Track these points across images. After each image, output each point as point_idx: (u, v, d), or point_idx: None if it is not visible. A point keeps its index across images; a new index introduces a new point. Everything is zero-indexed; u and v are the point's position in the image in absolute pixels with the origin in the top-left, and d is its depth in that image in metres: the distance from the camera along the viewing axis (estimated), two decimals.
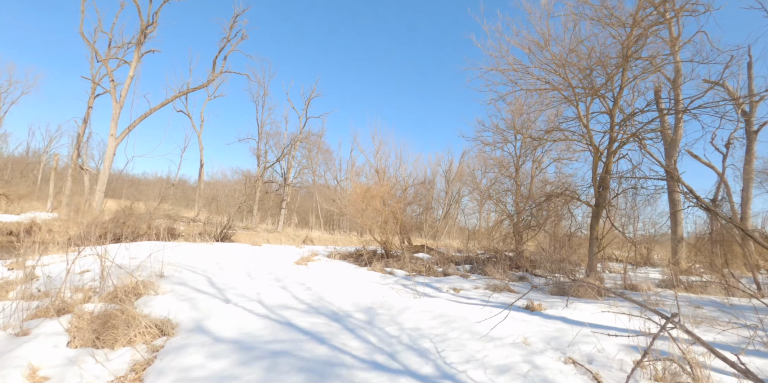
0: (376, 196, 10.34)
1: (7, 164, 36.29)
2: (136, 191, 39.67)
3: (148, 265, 6.75)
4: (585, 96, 9.79)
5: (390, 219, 10.97)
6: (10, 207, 18.63)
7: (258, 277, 7.42)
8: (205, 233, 18.62)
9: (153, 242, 11.94)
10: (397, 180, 11.34)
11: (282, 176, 30.15)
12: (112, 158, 20.00)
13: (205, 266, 7.92)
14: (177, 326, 4.09)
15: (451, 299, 6.32)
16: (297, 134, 29.25)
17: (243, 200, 22.67)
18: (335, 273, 8.35)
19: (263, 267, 8.96)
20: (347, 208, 10.86)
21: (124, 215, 18.11)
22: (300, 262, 10.01)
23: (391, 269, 9.16)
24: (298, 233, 25.92)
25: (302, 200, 39.20)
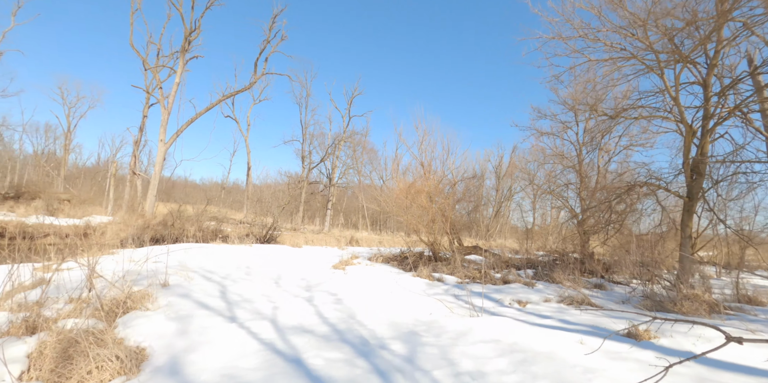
0: (421, 191, 8.96)
1: (80, 174, 38.60)
2: (187, 195, 40.86)
3: (162, 271, 5.83)
4: (672, 63, 7.85)
5: (438, 218, 9.55)
6: (73, 211, 19.13)
7: (285, 285, 6.30)
8: (251, 235, 18.14)
9: (191, 244, 11.30)
10: (444, 174, 9.90)
11: (327, 177, 29.49)
12: (162, 162, 20.07)
13: (229, 271, 6.93)
14: (147, 358, 2.97)
15: (518, 317, 4.81)
16: (341, 133, 28.48)
17: (287, 201, 22.09)
18: (374, 280, 7.06)
19: (296, 272, 7.86)
20: (390, 206, 9.57)
21: (172, 217, 18.01)
22: (338, 266, 8.84)
23: (439, 275, 7.74)
24: (343, 234, 25.03)
25: (348, 200, 38.50)
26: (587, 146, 12.52)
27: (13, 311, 4.21)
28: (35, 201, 18.56)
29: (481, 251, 12.80)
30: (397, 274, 7.89)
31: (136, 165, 24.28)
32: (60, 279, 5.57)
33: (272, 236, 18.44)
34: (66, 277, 5.78)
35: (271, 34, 21.13)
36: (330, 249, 13.38)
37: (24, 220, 14.28)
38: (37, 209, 17.90)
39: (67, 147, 33.01)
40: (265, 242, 17.77)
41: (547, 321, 4.67)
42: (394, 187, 9.61)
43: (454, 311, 4.93)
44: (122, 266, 5.75)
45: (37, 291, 5.10)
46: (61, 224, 15.08)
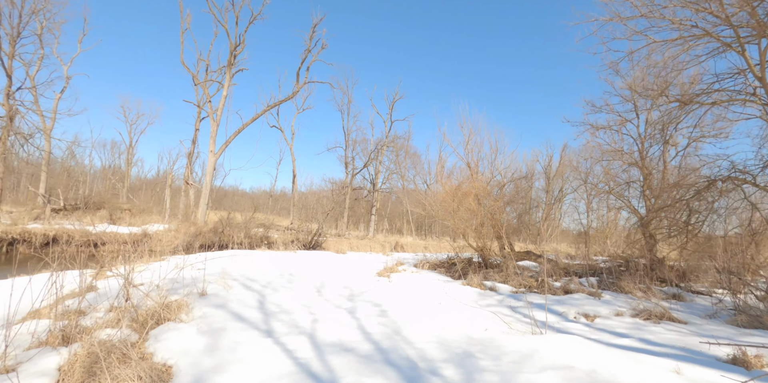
0: (468, 194, 8.38)
1: (142, 185, 41.14)
2: (237, 203, 42.24)
3: (204, 278, 5.68)
4: (756, 38, 6.81)
5: (486, 221, 8.91)
6: (133, 220, 20.15)
7: (327, 294, 5.95)
8: (297, 241, 18.21)
9: (237, 250, 11.35)
10: (492, 175, 9.24)
11: (371, 182, 29.33)
12: (212, 172, 20.73)
13: (271, 278, 6.71)
14: (171, 379, 2.68)
15: (589, 335, 4.14)
16: (383, 138, 28.27)
17: (331, 207, 22.08)
18: (421, 289, 6.56)
19: (339, 280, 7.53)
20: (436, 209, 9.04)
21: (222, 225, 18.48)
22: (382, 273, 8.42)
23: (491, 284, 7.10)
24: (388, 239, 24.66)
25: (393, 205, 38.16)
26: (650, 140, 11.34)
27: (57, 319, 4.15)
28: (100, 211, 19.73)
29: (535, 256, 11.91)
30: (445, 282, 7.34)
31: (190, 176, 25.33)
32: (108, 286, 5.57)
33: (317, 242, 18.41)
34: (115, 284, 5.79)
35: (311, 44, 21.36)
36: (374, 255, 13.03)
37: (89, 228, 15.14)
38: (101, 218, 19.02)
39: (130, 161, 35.21)
40: (310, 248, 17.76)
41: (624, 340, 3.96)
42: (439, 190, 9.08)
43: (512, 326, 4.34)
44: (165, 274, 5.68)
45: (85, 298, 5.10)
46: (121, 232, 15.85)
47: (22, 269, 7.76)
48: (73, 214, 19.51)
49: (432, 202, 9.15)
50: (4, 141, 14.78)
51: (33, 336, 3.68)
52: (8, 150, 14.84)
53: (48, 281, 4.27)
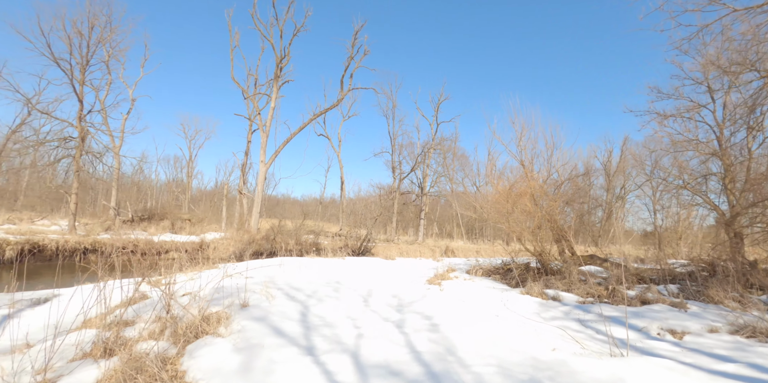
0: (524, 194, 7.72)
1: (202, 196, 43.45)
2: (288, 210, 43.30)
3: (249, 287, 5.54)
4: None
5: (544, 223, 8.18)
6: (193, 229, 21.12)
7: (374, 304, 5.60)
8: (346, 247, 18.14)
9: (286, 258, 11.34)
10: (549, 173, 8.49)
11: (419, 186, 28.89)
12: (263, 182, 21.28)
13: (317, 287, 6.47)
14: None
15: (681, 358, 3.44)
16: (429, 141, 27.77)
17: (379, 212, 21.87)
18: (475, 299, 6.02)
19: (387, 288, 7.16)
20: (489, 212, 8.45)
21: (273, 232, 18.83)
22: (433, 281, 7.94)
23: (554, 292, 6.40)
24: (438, 244, 24.03)
25: (442, 209, 37.38)
26: (732, 126, 10.00)
27: (104, 329, 4.12)
28: (163, 221, 20.87)
29: (600, 260, 10.86)
30: (502, 291, 6.73)
31: (243, 186, 26.25)
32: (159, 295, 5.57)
33: (366, 248, 18.23)
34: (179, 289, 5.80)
35: (354, 51, 21.43)
36: (424, 261, 12.55)
37: (152, 238, 15.99)
38: (164, 228, 20.11)
39: (190, 174, 37.28)
40: (359, 254, 17.60)
41: (729, 366, 3.23)
42: (490, 191, 8.48)
43: (585, 346, 3.73)
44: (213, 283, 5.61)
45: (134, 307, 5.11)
46: (181, 241, 16.60)
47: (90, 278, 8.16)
48: (140, 225, 20.79)
49: (484, 204, 8.56)
50: (78, 160, 15.98)
51: (77, 348, 3.63)
52: (81, 168, 16.02)
53: (98, 289, 4.27)
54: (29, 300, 5.72)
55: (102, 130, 18.33)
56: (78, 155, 16.19)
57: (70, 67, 15.63)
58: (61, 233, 15.16)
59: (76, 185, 16.13)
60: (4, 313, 5.28)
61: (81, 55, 16.25)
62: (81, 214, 24.85)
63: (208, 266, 9.44)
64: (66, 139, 15.94)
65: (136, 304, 5.39)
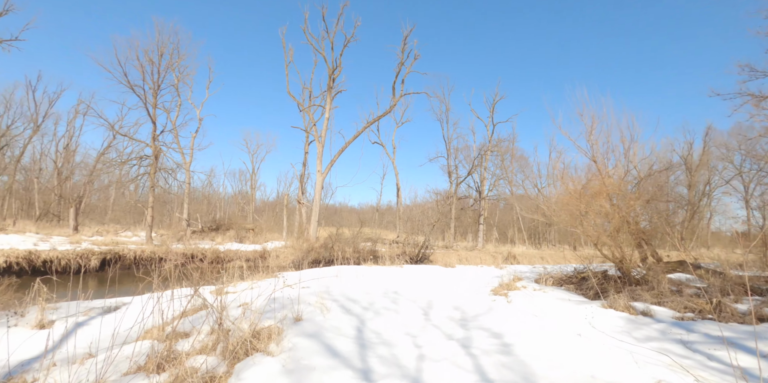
0: (600, 193, 6.86)
1: (265, 207, 45.36)
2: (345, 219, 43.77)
3: (304, 298, 5.32)
4: None
5: (624, 225, 7.23)
6: (256, 238, 21.88)
7: (435, 318, 5.13)
8: (404, 255, 17.75)
9: (343, 266, 11.16)
10: (626, 169, 7.53)
11: (476, 190, 27.86)
12: (320, 191, 21.57)
13: (374, 298, 6.13)
14: None
15: None
16: (485, 143, 26.73)
17: (437, 218, 21.26)
18: (550, 314, 5.33)
19: (449, 299, 6.65)
20: (558, 215, 7.65)
21: (331, 240, 18.92)
22: (498, 291, 7.29)
23: (644, 306, 5.51)
24: (499, 250, 22.86)
25: (501, 213, 35.82)
26: None
27: (161, 340, 4.06)
28: (228, 231, 21.84)
29: (691, 267, 9.48)
30: (579, 304, 5.94)
31: (302, 196, 26.87)
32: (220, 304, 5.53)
33: (424, 255, 17.71)
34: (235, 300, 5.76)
35: (404, 56, 21.22)
36: (486, 268, 11.80)
37: (219, 247, 16.70)
38: (229, 237, 21.03)
39: (253, 186, 39.09)
40: (417, 261, 17.12)
41: None
42: (559, 192, 7.68)
43: (699, 377, 3.00)
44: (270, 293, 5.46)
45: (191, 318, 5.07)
46: (245, 250, 17.18)
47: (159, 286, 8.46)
48: (208, 235, 21.94)
49: (553, 206, 7.77)
50: (153, 176, 17.17)
51: (131, 361, 3.56)
52: (156, 184, 17.18)
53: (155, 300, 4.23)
54: (101, 308, 5.94)
55: (173, 148, 19.66)
56: (152, 171, 17.38)
57: (144, 92, 16.92)
58: (139, 244, 16.32)
59: (152, 200, 17.29)
60: (80, 320, 5.50)
61: (153, 81, 17.53)
62: (158, 226, 26.83)
63: (267, 275, 9.49)
64: (142, 158, 17.26)
65: (196, 314, 5.38)
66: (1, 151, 27.00)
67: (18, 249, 11.45)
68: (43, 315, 5.08)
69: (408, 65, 21.62)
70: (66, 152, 27.15)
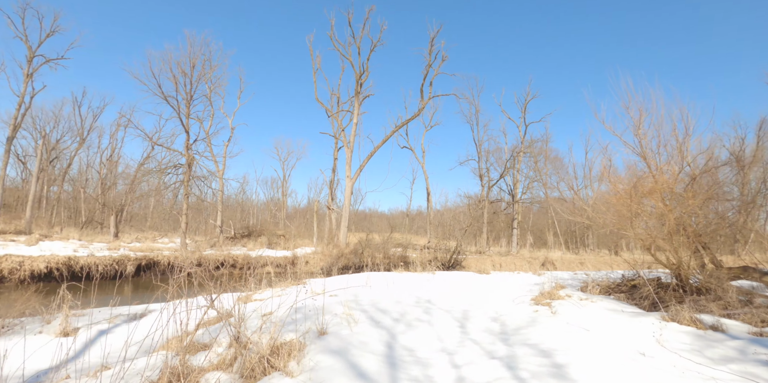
0: (653, 191, 6.16)
1: (296, 213, 45.82)
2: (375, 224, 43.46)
3: (330, 308, 4.98)
4: None
5: (680, 228, 6.47)
6: (287, 244, 21.91)
7: (473, 331, 4.65)
8: (435, 260, 17.20)
9: (373, 273, 10.79)
10: (681, 166, 6.77)
11: (509, 194, 26.91)
12: (350, 196, 21.39)
13: (405, 308, 5.71)
14: None
15: None
16: (518, 145, 25.81)
17: (469, 223, 20.57)
18: (603, 328, 4.73)
19: (485, 309, 6.14)
20: (605, 216, 6.97)
21: (361, 246, 18.62)
22: (539, 300, 6.69)
23: (713, 319, 4.80)
24: (534, 255, 21.85)
25: (536, 217, 34.48)
26: None
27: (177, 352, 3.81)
28: (260, 238, 21.98)
29: (758, 273, 8.48)
30: (634, 316, 5.28)
31: (332, 202, 26.82)
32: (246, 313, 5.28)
33: (456, 261, 17.07)
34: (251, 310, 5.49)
35: (431, 58, 20.85)
36: (523, 275, 11.11)
37: (250, 253, 16.74)
38: (261, 243, 21.15)
39: (284, 193, 39.58)
40: (449, 267, 16.51)
41: None
42: (605, 191, 7.01)
43: None
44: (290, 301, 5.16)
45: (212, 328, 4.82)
46: (276, 256, 17.16)
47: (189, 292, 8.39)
48: (240, 241, 22.18)
49: (599, 207, 7.09)
50: (186, 184, 17.49)
51: (142, 376, 3.30)
52: (189, 192, 17.49)
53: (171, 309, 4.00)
54: (126, 316, 5.82)
55: (206, 156, 20.02)
56: (186, 179, 17.72)
57: (177, 103, 17.37)
58: (174, 250, 16.62)
59: (186, 207, 17.60)
60: (103, 328, 5.37)
61: (186, 92, 17.97)
62: (193, 232, 27.49)
63: (294, 282, 9.25)
64: (176, 166, 17.66)
65: (218, 323, 5.14)
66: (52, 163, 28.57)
67: (58, 255, 11.81)
68: (67, 322, 4.98)
69: (436, 67, 21.24)
70: (109, 163, 28.40)
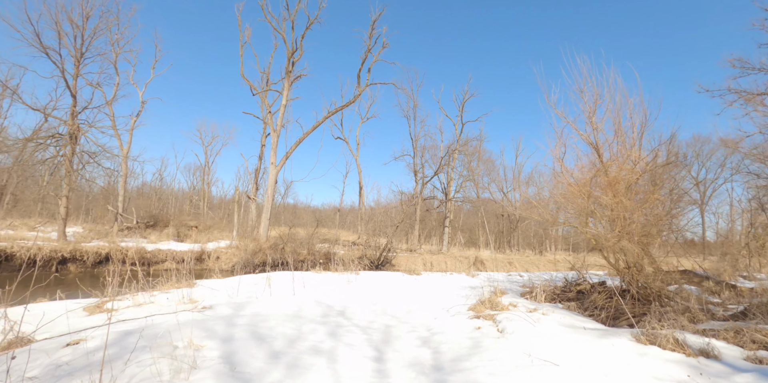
0: (615, 182, 5.05)
1: (221, 204, 41.83)
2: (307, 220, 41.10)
3: (176, 331, 3.08)
4: None
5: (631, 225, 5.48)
6: (200, 237, 19.01)
7: (396, 366, 3.04)
8: (365, 258, 15.63)
9: (284, 272, 8.84)
10: (638, 157, 5.76)
11: (442, 192, 26.18)
12: (274, 185, 19.07)
13: (302, 327, 3.95)
14: None
15: None
16: (454, 143, 25.09)
17: (401, 219, 19.27)
18: (573, 361, 3.34)
19: (415, 324, 4.59)
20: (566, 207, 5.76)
21: (282, 241, 16.49)
22: (479, 310, 5.31)
23: (702, 342, 3.67)
24: (464, 254, 21.17)
25: (466, 217, 34.40)
26: None
27: None
28: (167, 228, 18.86)
29: (697, 278, 7.94)
30: (600, 336, 4.01)
31: (255, 192, 24.18)
32: None
33: (386, 259, 15.62)
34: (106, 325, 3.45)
35: (371, 42, 19.17)
36: (457, 276, 9.85)
37: (145, 246, 13.88)
38: (167, 235, 18.08)
39: (206, 180, 35.74)
40: (377, 266, 15.00)
41: None
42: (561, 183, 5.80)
43: None
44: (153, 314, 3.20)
45: None
46: (179, 250, 14.44)
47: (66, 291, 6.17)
48: (144, 231, 18.86)
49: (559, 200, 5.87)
50: (69, 160, 14.11)
51: None
52: (71, 170, 14.13)
53: None
54: None
55: (103, 130, 16.49)
56: (69, 154, 14.33)
57: (61, 58, 13.90)
58: (51, 241, 13.26)
59: (67, 189, 14.24)
60: None
61: (75, 48, 14.54)
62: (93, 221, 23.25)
63: (181, 284, 7.13)
64: (54, 136, 14.11)
65: None
66: None
67: None
68: None
69: (375, 53, 19.61)
70: None
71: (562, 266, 22.38)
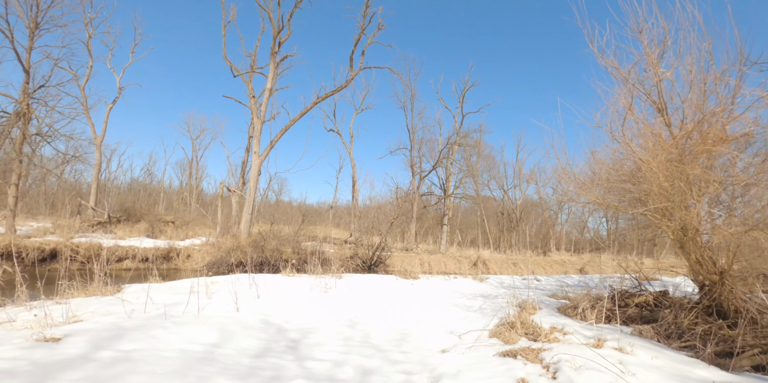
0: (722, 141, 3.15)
1: (212, 199, 39.74)
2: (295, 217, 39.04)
3: None
4: None
5: None
6: (176, 233, 17.00)
7: None
8: (356, 257, 13.71)
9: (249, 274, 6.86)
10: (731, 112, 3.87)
11: (441, 188, 24.26)
12: (257, 177, 17.09)
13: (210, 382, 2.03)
14: None
15: None
16: (453, 135, 23.18)
17: (396, 216, 17.35)
18: None
19: (411, 368, 2.66)
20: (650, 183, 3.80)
21: (263, 238, 14.56)
22: (510, 340, 3.41)
23: None
24: (464, 254, 19.27)
25: (465, 215, 32.51)
26: None
27: None
28: (139, 223, 16.85)
29: None
30: None
31: (240, 186, 22.22)
32: None
33: (380, 259, 13.67)
34: None
35: (365, 21, 17.18)
36: (462, 281, 7.91)
37: (101, 242, 11.90)
38: (140, 231, 16.07)
39: (192, 175, 33.77)
40: (369, 267, 13.03)
41: None
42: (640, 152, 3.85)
43: None
44: None
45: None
46: (143, 246, 12.48)
47: None
48: (116, 226, 16.84)
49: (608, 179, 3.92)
50: (19, 144, 12.13)
51: None
52: (21, 153, 12.13)
53: None
54: None
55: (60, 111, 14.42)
56: (20, 138, 12.34)
57: (8, 25, 11.91)
58: None
59: (16, 176, 12.24)
60: None
61: (29, 17, 12.57)
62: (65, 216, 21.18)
63: (104, 291, 5.27)
64: None
65: None
66: None
67: None
68: None
69: (370, 35, 17.64)
70: None
71: (570, 267, 20.56)
